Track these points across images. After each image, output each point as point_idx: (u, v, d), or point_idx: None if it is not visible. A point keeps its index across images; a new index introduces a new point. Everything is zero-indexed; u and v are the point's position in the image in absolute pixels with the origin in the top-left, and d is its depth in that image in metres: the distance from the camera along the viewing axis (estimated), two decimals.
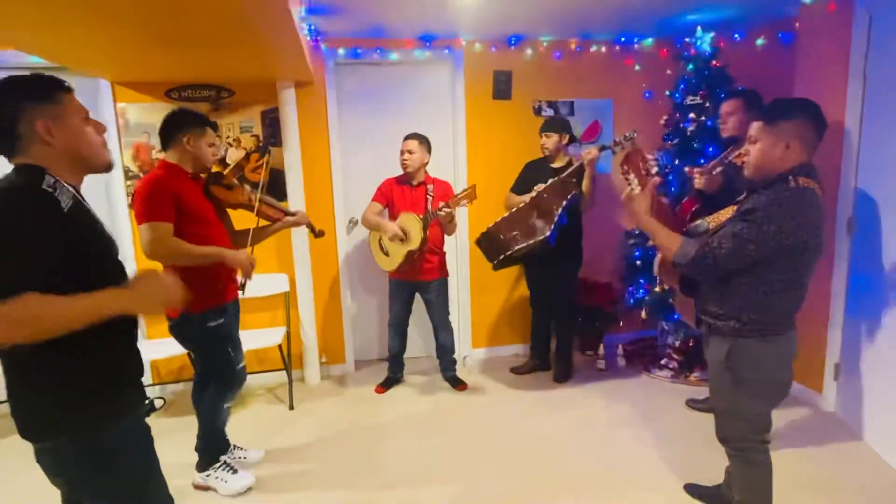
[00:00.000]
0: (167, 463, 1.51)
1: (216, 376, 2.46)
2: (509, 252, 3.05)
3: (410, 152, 3.23)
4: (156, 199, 2.14)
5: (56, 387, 1.27)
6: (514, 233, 3.07)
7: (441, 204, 3.10)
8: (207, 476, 2.50)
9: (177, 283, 1.37)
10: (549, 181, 3.17)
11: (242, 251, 2.39)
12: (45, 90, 1.28)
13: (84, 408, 1.29)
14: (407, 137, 3.28)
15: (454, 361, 3.64)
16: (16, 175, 1.25)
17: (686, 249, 1.75)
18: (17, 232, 1.16)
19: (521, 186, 3.41)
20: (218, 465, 2.52)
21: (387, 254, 3.31)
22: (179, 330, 2.35)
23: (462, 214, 3.79)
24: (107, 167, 1.39)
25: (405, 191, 3.34)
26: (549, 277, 3.56)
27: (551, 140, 3.31)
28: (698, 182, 2.63)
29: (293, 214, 2.70)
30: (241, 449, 2.82)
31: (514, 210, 3.17)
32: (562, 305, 3.58)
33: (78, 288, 1.20)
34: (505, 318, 4.08)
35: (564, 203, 3.08)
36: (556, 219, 3.04)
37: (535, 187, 3.23)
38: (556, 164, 3.36)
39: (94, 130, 1.36)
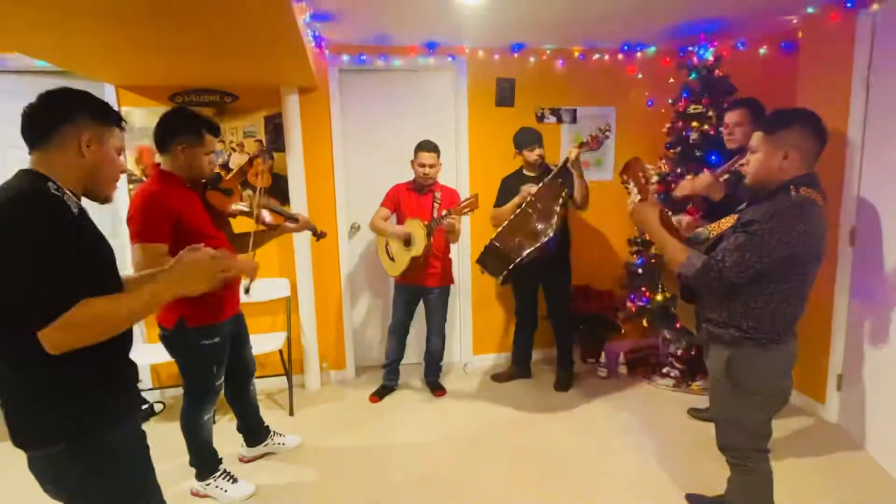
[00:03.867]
0: (166, 468, 1.51)
1: (193, 392, 2.40)
2: (519, 259, 2.94)
3: (431, 166, 3.24)
4: (150, 217, 2.05)
5: (50, 394, 1.26)
6: (518, 239, 3.03)
7: (444, 212, 3.11)
8: (207, 485, 2.48)
9: (220, 253, 1.42)
10: (540, 184, 3.17)
11: (244, 259, 2.35)
12: (105, 113, 1.37)
13: (79, 415, 1.29)
14: (424, 150, 3.24)
15: (440, 368, 3.67)
16: (21, 182, 1.24)
17: (692, 261, 1.74)
18: (50, 238, 1.18)
19: (504, 202, 3.38)
20: (218, 474, 2.50)
21: (393, 259, 3.32)
22: (171, 341, 2.31)
23: (464, 222, 3.79)
24: (105, 200, 1.42)
25: (412, 197, 3.36)
26: (543, 289, 3.57)
27: (534, 153, 3.32)
28: (703, 189, 2.62)
29: (295, 219, 2.68)
30: (280, 435, 2.91)
31: (511, 218, 3.12)
32: (560, 314, 3.58)
33: (85, 292, 1.21)
34: (506, 325, 4.07)
35: (560, 201, 3.07)
36: (555, 218, 3.02)
37: (523, 188, 3.21)
38: (531, 173, 3.37)
39: (117, 166, 1.41)
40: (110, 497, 1.35)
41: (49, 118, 1.29)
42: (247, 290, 2.43)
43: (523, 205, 3.13)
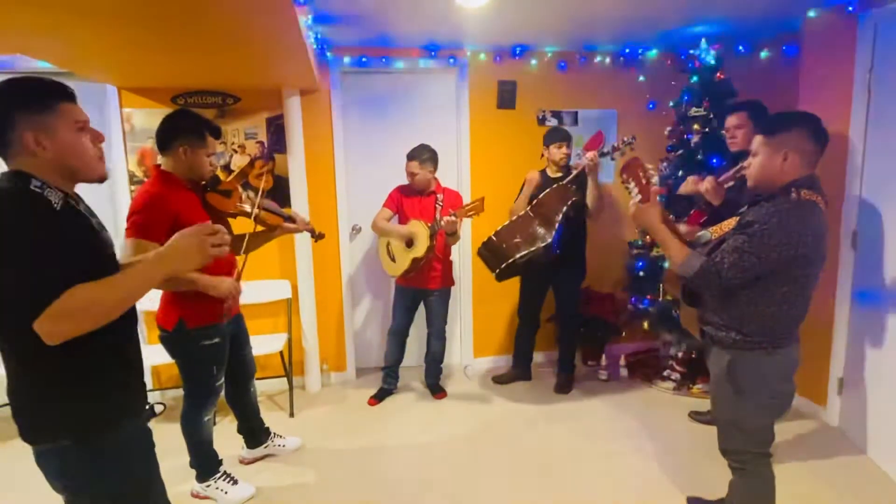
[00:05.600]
0: (166, 469, 1.51)
1: (194, 393, 2.40)
2: (512, 259, 3.00)
3: (413, 174, 3.24)
4: (150, 216, 2.04)
5: (59, 389, 1.26)
6: (517, 240, 3.04)
7: (451, 212, 3.11)
8: (207, 487, 2.48)
9: (212, 227, 1.36)
10: (549, 188, 3.17)
11: (226, 280, 2.24)
12: (40, 98, 1.24)
13: (86, 410, 1.29)
14: (409, 158, 3.25)
15: (440, 370, 3.66)
16: (4, 183, 1.23)
17: (692, 262, 1.74)
18: (31, 233, 1.17)
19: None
20: (218, 475, 2.50)
21: (394, 260, 3.32)
22: (171, 342, 2.30)
23: (465, 224, 3.79)
24: (99, 179, 1.35)
25: (415, 199, 3.35)
26: (552, 288, 3.56)
27: (562, 151, 3.31)
28: (704, 190, 2.63)
29: (294, 220, 2.67)
30: (281, 437, 2.91)
31: (514, 218, 3.15)
32: (566, 316, 3.57)
33: (73, 281, 1.19)
34: (508, 328, 4.07)
35: (564, 209, 3.08)
36: (556, 225, 3.03)
37: (528, 175, 3.26)
38: (554, 175, 3.36)
39: (90, 140, 1.31)
40: (114, 493, 1.35)
41: None
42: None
43: (528, 208, 3.15)
